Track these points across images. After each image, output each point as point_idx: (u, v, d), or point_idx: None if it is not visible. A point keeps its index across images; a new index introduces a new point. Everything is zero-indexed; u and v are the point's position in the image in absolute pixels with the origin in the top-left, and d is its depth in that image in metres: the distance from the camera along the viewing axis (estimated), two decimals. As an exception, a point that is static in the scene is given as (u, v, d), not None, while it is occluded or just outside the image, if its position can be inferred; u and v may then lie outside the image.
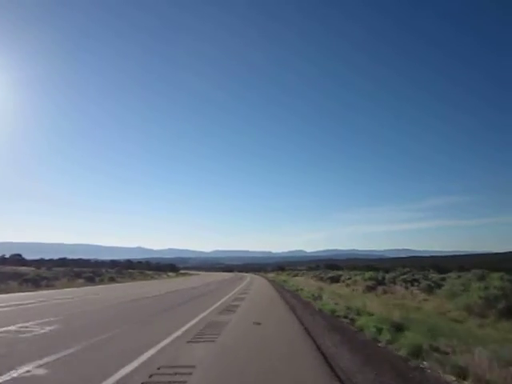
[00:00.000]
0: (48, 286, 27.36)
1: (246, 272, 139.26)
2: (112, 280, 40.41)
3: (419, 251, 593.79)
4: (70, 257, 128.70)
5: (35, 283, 26.89)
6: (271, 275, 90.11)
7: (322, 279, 41.21)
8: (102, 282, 37.61)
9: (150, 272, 76.02)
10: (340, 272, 43.19)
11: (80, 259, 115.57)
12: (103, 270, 53.51)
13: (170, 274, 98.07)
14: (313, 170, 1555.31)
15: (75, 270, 44.24)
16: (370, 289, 20.89)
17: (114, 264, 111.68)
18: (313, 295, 18.71)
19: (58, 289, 25.83)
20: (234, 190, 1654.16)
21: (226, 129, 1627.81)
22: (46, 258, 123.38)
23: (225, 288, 28.38)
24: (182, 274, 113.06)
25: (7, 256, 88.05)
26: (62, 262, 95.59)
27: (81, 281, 35.07)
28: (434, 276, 22.63)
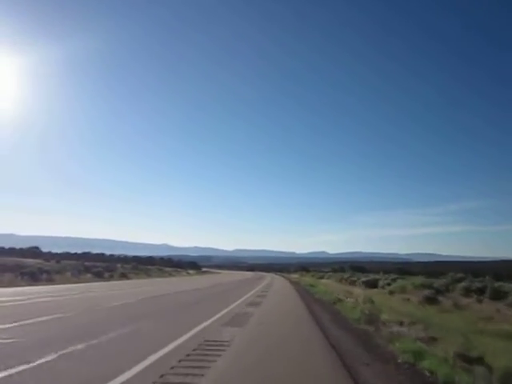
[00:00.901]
0: (48, 281, 25.03)
1: (268, 272, 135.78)
2: (123, 276, 38.02)
3: (443, 256, 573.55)
4: (95, 251, 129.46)
5: (33, 277, 24.53)
6: (294, 276, 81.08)
7: (353, 283, 36.40)
8: (111, 277, 35.25)
9: (169, 269, 73.92)
10: (375, 275, 38.02)
11: (103, 254, 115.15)
12: (118, 266, 51.39)
13: (191, 271, 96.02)
14: (335, 171, 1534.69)
15: (87, 264, 42.13)
16: (430, 300, 15.81)
17: (134, 260, 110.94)
18: (364, 313, 11.18)
19: (56, 284, 23.35)
20: (258, 189, 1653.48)
21: (253, 126, 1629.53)
22: (72, 251, 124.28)
23: (234, 291, 25.05)
24: (203, 272, 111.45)
25: (25, 248, 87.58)
26: (82, 256, 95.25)
27: (88, 276, 32.79)
28: (502, 285, 17.93)
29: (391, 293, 20.94)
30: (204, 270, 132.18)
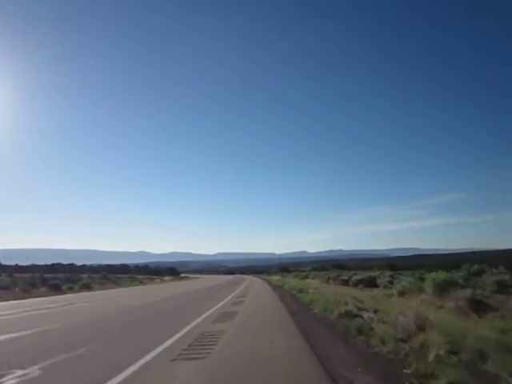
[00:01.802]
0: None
1: (248, 274, 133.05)
2: (85, 287, 34.50)
3: (421, 249, 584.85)
4: (72, 262, 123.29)
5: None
6: (276, 278, 70.24)
7: (345, 283, 31.46)
8: (71, 290, 31.78)
9: (142, 276, 70.22)
10: (370, 273, 33.65)
11: (72, 264, 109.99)
12: (84, 276, 47.67)
13: (167, 278, 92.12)
14: (314, 169, 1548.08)
15: (47, 276, 38.39)
16: (476, 306, 10.73)
17: (107, 268, 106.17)
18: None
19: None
20: (236, 191, 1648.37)
21: (226, 129, 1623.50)
22: (42, 263, 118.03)
23: (201, 301, 22.13)
24: (180, 277, 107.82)
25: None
26: (51, 268, 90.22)
27: (42, 289, 29.29)
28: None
29: (402, 295, 16.24)
30: (183, 275, 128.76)
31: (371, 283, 26.96)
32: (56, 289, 29.95)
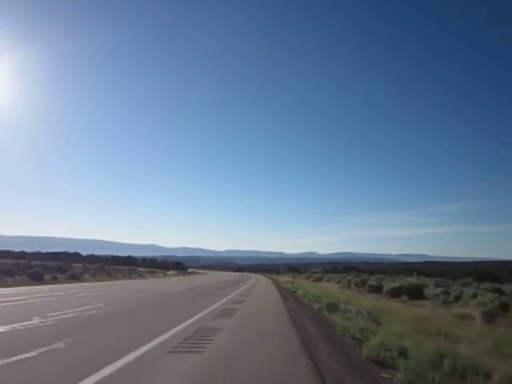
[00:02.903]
0: None
1: (256, 273, 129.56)
2: (73, 278, 31.29)
3: (431, 256, 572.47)
4: (77, 251, 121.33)
5: None
6: (286, 279, 60.93)
7: (376, 290, 24.67)
8: (54, 280, 28.58)
9: (143, 270, 67.13)
10: (414, 279, 26.68)
11: (77, 253, 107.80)
12: (78, 265, 44.67)
13: (171, 272, 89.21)
14: (328, 171, 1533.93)
15: (34, 263, 35.35)
16: None
17: (113, 259, 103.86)
18: None
19: None
20: (249, 189, 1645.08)
21: (239, 128, 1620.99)
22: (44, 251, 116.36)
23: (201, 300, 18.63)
24: (188, 272, 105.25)
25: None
26: (55, 256, 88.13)
27: (19, 278, 26.16)
28: None
29: (489, 317, 10.61)
30: (190, 270, 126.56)
31: (415, 293, 20.59)
32: (36, 278, 26.70)
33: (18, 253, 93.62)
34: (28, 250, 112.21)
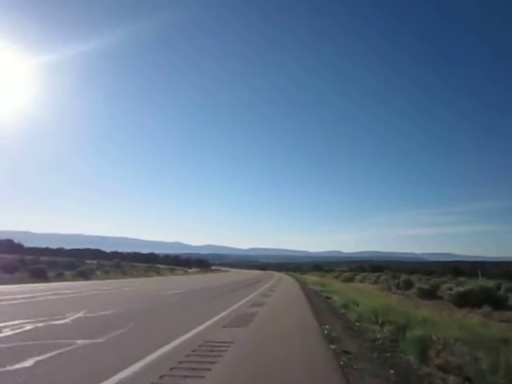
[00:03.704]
0: None
1: (280, 271, 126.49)
2: (81, 275, 29.31)
3: (457, 255, 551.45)
4: (104, 249, 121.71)
5: None
6: (312, 279, 52.33)
7: (428, 295, 19.26)
8: (60, 277, 26.64)
9: (163, 266, 65.40)
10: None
11: (99, 250, 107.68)
12: (92, 262, 43.05)
13: (193, 269, 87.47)
14: (353, 170, 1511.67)
15: (43, 259, 33.72)
16: None
17: (135, 257, 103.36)
18: None
19: None
20: (274, 188, 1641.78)
21: (266, 125, 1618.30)
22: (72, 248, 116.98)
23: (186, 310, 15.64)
24: (210, 270, 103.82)
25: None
26: (77, 253, 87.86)
27: (20, 275, 24.29)
28: None
29: None
30: (213, 268, 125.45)
31: (496, 302, 15.57)
32: (38, 275, 24.76)
33: (42, 249, 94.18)
34: (53, 247, 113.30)
